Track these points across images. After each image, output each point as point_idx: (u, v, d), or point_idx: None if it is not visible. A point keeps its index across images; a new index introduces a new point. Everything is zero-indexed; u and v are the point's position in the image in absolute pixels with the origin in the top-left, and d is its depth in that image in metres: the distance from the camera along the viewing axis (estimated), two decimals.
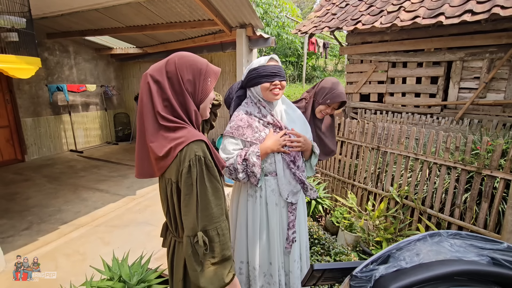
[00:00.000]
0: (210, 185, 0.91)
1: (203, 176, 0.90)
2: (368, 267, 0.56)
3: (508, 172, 1.90)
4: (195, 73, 1.00)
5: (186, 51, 1.07)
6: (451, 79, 4.17)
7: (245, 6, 3.48)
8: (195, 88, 1.01)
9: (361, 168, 2.97)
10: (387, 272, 0.53)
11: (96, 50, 6.42)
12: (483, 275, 0.49)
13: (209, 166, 0.92)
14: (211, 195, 0.91)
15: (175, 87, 0.98)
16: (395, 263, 0.55)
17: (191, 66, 1.00)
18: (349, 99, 5.20)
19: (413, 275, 0.50)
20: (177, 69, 0.98)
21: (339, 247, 2.36)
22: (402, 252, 0.57)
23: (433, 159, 2.35)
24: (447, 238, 0.58)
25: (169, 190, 0.96)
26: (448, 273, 0.49)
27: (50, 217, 3.15)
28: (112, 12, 4.12)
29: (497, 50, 3.74)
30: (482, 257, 0.52)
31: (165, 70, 0.98)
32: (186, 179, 0.89)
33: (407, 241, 0.61)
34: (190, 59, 1.01)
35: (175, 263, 1.08)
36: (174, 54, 1.03)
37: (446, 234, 0.59)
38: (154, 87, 0.96)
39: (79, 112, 6.32)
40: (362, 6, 4.72)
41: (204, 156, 0.91)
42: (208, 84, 1.04)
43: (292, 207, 1.49)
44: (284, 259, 1.57)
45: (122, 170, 4.89)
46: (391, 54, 4.57)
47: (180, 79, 0.98)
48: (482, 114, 3.97)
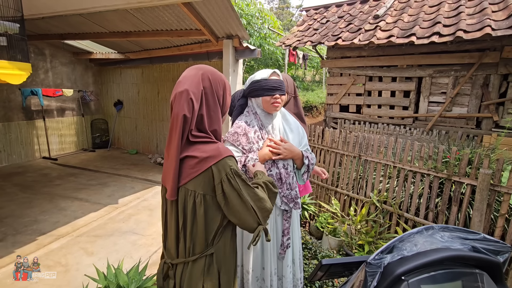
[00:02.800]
0: (251, 189, 0.98)
1: (244, 184, 0.96)
2: (379, 256, 0.67)
3: (473, 179, 2.13)
4: (223, 88, 1.06)
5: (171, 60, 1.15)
6: (422, 93, 4.54)
7: (232, 18, 3.59)
8: (222, 102, 1.07)
9: (344, 175, 3.14)
10: (393, 260, 0.64)
11: (75, 54, 6.23)
12: (466, 259, 0.62)
13: (243, 176, 0.98)
14: (257, 194, 0.98)
15: (209, 103, 1.01)
16: (398, 252, 0.66)
17: (221, 82, 1.05)
18: (329, 109, 5.46)
19: (413, 261, 0.62)
20: (212, 85, 1.01)
21: (325, 251, 2.47)
22: (404, 243, 0.69)
23: (409, 167, 2.56)
24: (438, 231, 0.70)
25: (191, 202, 0.95)
26: (440, 259, 0.60)
27: (26, 228, 2.98)
28: (96, 17, 4.06)
29: (461, 69, 4.15)
30: (465, 245, 0.64)
31: (202, 86, 0.99)
32: (230, 190, 0.94)
33: (408, 233, 0.72)
34: (218, 74, 1.06)
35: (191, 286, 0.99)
36: (202, 68, 1.04)
37: (437, 228, 0.71)
38: (196, 104, 0.97)
39: (54, 117, 6.05)
40: (341, 23, 5.03)
41: (237, 169, 0.97)
42: (228, 97, 1.10)
43: (287, 215, 1.56)
44: (277, 264, 1.64)
45: (102, 178, 4.73)
46: (368, 68, 4.89)
47: (215, 94, 1.02)
48: (448, 125, 4.35)
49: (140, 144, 6.58)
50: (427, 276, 0.61)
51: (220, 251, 1.00)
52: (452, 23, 3.84)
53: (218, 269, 1.00)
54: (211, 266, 0.98)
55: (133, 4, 3.15)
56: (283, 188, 1.52)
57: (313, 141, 3.53)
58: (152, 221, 3.27)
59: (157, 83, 6.01)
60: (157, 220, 3.31)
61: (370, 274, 0.63)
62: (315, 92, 12.05)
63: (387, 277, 0.62)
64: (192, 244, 0.97)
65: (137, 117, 6.52)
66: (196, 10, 3.44)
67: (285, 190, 1.52)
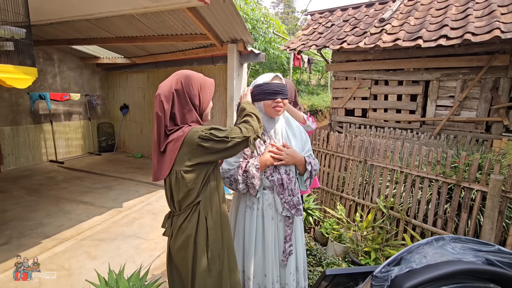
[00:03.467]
0: (221, 131, 1.19)
1: (216, 130, 1.17)
2: (386, 268, 0.63)
3: (484, 185, 2.07)
4: (198, 88, 1.23)
5: (176, 64, 1.32)
6: (429, 97, 4.47)
7: (237, 22, 3.60)
8: (199, 101, 1.25)
9: (349, 180, 3.09)
10: (401, 273, 0.61)
11: (82, 58, 6.32)
12: (480, 273, 0.58)
13: (212, 130, 1.18)
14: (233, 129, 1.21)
15: (181, 102, 1.20)
16: (407, 265, 0.62)
17: (195, 84, 1.22)
18: (334, 113, 5.41)
19: (423, 274, 0.58)
20: (184, 87, 1.20)
21: (330, 258, 2.41)
22: (412, 254, 0.65)
23: (417, 172, 2.50)
24: (449, 242, 0.66)
25: (174, 177, 1.19)
26: (452, 272, 0.57)
27: (31, 231, 3.00)
28: (103, 22, 4.11)
29: (469, 72, 4.08)
30: (478, 258, 0.60)
31: (173, 89, 1.19)
32: (211, 135, 1.15)
33: (416, 244, 0.68)
34: (193, 78, 1.23)
35: (187, 229, 1.21)
36: (178, 73, 1.24)
37: (448, 239, 0.67)
38: (166, 105, 1.18)
39: (61, 121, 6.12)
40: (346, 27, 5.00)
41: (204, 130, 1.17)
42: (207, 95, 1.27)
43: (289, 221, 1.52)
44: (280, 271, 1.59)
45: (107, 181, 4.75)
46: (373, 72, 4.85)
47: (187, 95, 1.21)
48: (457, 130, 4.27)
49: (145, 148, 6.62)
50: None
51: (206, 196, 1.24)
52: (459, 26, 3.78)
53: (205, 215, 1.23)
54: (194, 212, 1.22)
55: (138, 10, 3.18)
56: (284, 194, 1.48)
57: (317, 145, 3.49)
58: (156, 225, 3.25)
59: None
60: (160, 224, 3.26)
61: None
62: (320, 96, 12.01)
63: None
64: (179, 205, 1.23)
65: (143, 121, 6.57)
66: (201, 15, 3.46)
67: (287, 196, 1.48)
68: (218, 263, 1.25)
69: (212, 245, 1.23)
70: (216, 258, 1.25)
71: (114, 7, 3.12)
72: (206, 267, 1.22)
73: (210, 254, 1.23)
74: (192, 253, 1.21)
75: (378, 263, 2.44)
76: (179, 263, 1.24)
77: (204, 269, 1.21)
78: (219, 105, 5.03)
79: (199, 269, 1.21)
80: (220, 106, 5.02)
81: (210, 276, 1.23)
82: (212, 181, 1.27)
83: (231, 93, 4.25)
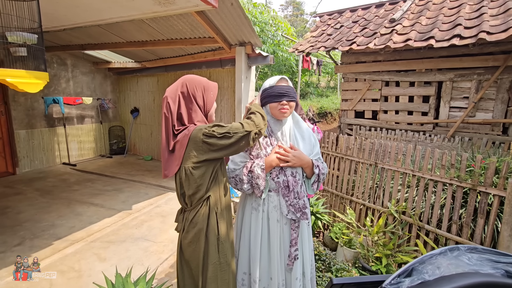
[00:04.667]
0: (223, 127, 1.23)
1: (217, 127, 1.21)
2: (396, 280, 0.60)
3: (501, 189, 1.98)
4: (202, 90, 1.31)
5: (185, 67, 1.36)
6: (442, 98, 4.35)
7: (245, 25, 3.61)
8: (204, 101, 1.32)
9: (359, 184, 3.02)
10: (412, 285, 0.57)
11: (94, 63, 6.47)
12: (499, 286, 0.53)
13: (214, 127, 1.23)
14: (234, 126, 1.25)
15: (187, 103, 1.29)
16: (419, 276, 0.58)
17: (199, 86, 1.31)
18: (344, 115, 5.34)
19: (436, 286, 0.54)
20: (189, 90, 1.28)
21: (340, 263, 2.36)
22: (425, 265, 0.61)
23: (430, 175, 2.42)
24: (465, 252, 0.62)
25: (183, 174, 1.24)
26: (468, 285, 0.52)
27: (43, 232, 3.06)
28: (114, 27, 4.20)
29: (484, 72, 3.95)
30: (497, 269, 0.56)
31: (179, 92, 1.28)
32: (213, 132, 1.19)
33: (429, 255, 0.64)
34: (197, 81, 1.32)
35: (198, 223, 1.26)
36: (184, 78, 1.33)
37: (464, 249, 0.63)
38: (173, 106, 1.26)
39: (74, 124, 6.27)
40: (356, 28, 4.94)
41: (208, 127, 1.22)
42: (211, 96, 1.35)
43: (295, 225, 1.49)
44: (286, 276, 1.56)
45: (117, 184, 4.82)
46: (384, 73, 4.76)
47: (192, 97, 1.29)
48: (472, 132, 4.13)
49: (155, 151, 6.69)
50: None
51: (215, 192, 1.30)
52: (474, 25, 3.67)
53: (215, 209, 1.29)
54: (205, 206, 1.27)
55: (148, 14, 3.24)
56: (290, 196, 1.46)
57: (326, 148, 3.44)
58: (164, 228, 3.27)
59: None
60: (169, 226, 3.30)
61: None
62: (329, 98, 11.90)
63: None
64: (190, 200, 1.28)
65: (153, 124, 6.65)
66: (209, 19, 3.48)
67: (292, 198, 1.45)
68: (228, 257, 1.32)
69: (222, 239, 1.30)
70: (226, 251, 1.31)
71: (123, 12, 3.18)
72: (217, 260, 1.28)
73: (220, 248, 1.30)
74: (203, 247, 1.26)
75: (390, 269, 2.37)
76: (190, 256, 1.28)
77: (215, 261, 1.28)
78: (227, 108, 5.04)
79: (211, 262, 1.27)
80: (228, 109, 5.03)
81: (221, 269, 1.30)
82: (220, 176, 1.33)
83: (239, 96, 4.25)
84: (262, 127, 1.31)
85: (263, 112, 1.36)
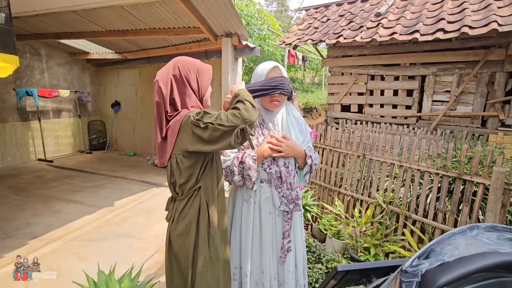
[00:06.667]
0: (210, 115, 1.12)
1: (205, 114, 1.11)
2: (416, 262, 0.56)
3: (486, 177, 2.03)
4: (196, 72, 1.21)
5: (169, 59, 1.28)
6: (425, 92, 4.45)
7: (231, 15, 3.50)
8: (198, 85, 1.23)
9: (347, 175, 3.03)
10: (432, 266, 0.54)
11: (71, 54, 6.13)
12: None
13: (200, 114, 1.13)
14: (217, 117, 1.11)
15: (180, 87, 1.19)
16: (437, 257, 0.55)
17: (192, 68, 1.21)
18: (330, 109, 5.36)
19: (457, 268, 0.51)
20: (181, 72, 1.18)
21: (329, 255, 2.35)
22: (443, 246, 0.58)
23: (417, 166, 2.46)
24: (484, 231, 0.60)
25: (174, 161, 1.17)
26: (489, 266, 0.49)
27: (17, 232, 2.86)
28: (92, 15, 3.96)
29: (465, 66, 4.06)
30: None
31: (171, 75, 1.18)
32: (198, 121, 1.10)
33: (447, 234, 0.61)
34: (190, 63, 1.22)
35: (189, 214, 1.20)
36: (175, 60, 1.22)
37: (483, 227, 0.61)
38: (165, 90, 1.17)
39: (50, 118, 5.93)
40: (342, 22, 4.95)
41: (195, 114, 1.13)
42: (205, 80, 1.25)
43: (288, 216, 1.45)
44: (278, 268, 1.53)
45: (98, 180, 4.61)
46: (370, 67, 4.80)
47: (185, 80, 1.19)
48: (453, 125, 4.26)
49: (138, 146, 6.47)
50: (473, 287, 0.50)
51: (207, 183, 1.23)
52: (456, 20, 3.76)
53: (206, 201, 1.22)
54: (196, 197, 1.20)
55: (128, 0, 3.07)
56: (282, 187, 1.41)
57: (314, 140, 3.42)
58: (149, 223, 3.15)
59: None
60: (154, 222, 3.19)
61: (406, 285, 0.53)
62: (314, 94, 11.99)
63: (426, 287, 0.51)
64: (181, 189, 1.21)
65: (135, 118, 6.42)
66: (193, 7, 3.34)
67: (285, 190, 1.41)
68: (218, 252, 1.25)
69: (213, 232, 1.23)
70: (217, 245, 1.24)
71: None
72: (207, 255, 1.21)
73: (211, 242, 1.23)
74: (194, 240, 1.19)
75: (378, 258, 2.39)
76: (179, 250, 1.21)
77: (205, 256, 1.21)
78: (214, 101, 4.92)
79: (200, 256, 1.20)
80: (214, 103, 4.92)
81: (212, 264, 1.23)
82: (212, 167, 1.25)
83: (226, 89, 4.15)
84: (252, 121, 1.11)
85: (252, 101, 1.17)
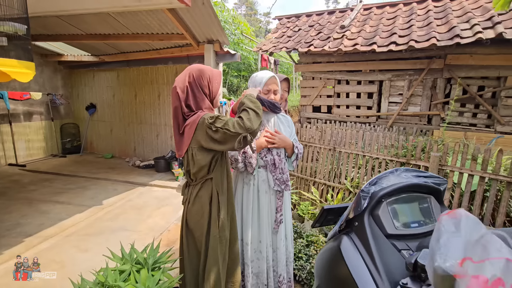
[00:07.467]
0: (222, 121, 1.31)
1: (216, 120, 1.31)
2: (367, 187, 0.97)
3: (427, 161, 2.60)
4: (208, 80, 1.44)
5: (150, 63, 1.71)
6: (383, 94, 5.13)
7: (214, 24, 3.82)
8: (210, 90, 1.46)
9: (321, 166, 3.51)
10: (376, 190, 0.95)
11: (43, 55, 5.98)
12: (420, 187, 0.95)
13: (214, 119, 1.34)
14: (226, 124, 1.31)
15: (194, 93, 1.42)
16: (379, 185, 0.97)
17: (204, 76, 1.43)
18: (303, 110, 5.89)
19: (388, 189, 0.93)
20: (195, 80, 1.41)
21: (308, 231, 2.78)
22: (382, 179, 1.00)
23: (376, 155, 2.99)
24: (403, 172, 1.03)
25: (190, 153, 1.40)
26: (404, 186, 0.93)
27: (9, 232, 2.91)
28: (74, 19, 4.03)
29: (413, 73, 4.80)
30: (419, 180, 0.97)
31: (187, 82, 1.41)
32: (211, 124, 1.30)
33: (384, 174, 1.04)
34: (202, 71, 1.44)
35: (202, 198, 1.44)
36: (190, 68, 1.45)
37: (402, 169, 1.04)
38: (182, 95, 1.39)
39: (20, 122, 5.75)
40: (312, 32, 5.50)
41: (211, 117, 1.34)
42: (216, 85, 1.48)
43: (280, 195, 1.84)
44: (272, 238, 1.90)
45: (79, 182, 4.63)
46: (336, 73, 5.40)
47: (199, 86, 1.42)
48: (405, 123, 4.98)
49: (116, 148, 6.47)
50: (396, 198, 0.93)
51: (217, 176, 1.45)
52: (405, 34, 4.45)
53: (217, 190, 1.45)
54: (208, 185, 1.43)
55: (117, 8, 3.23)
56: (276, 172, 1.79)
57: None
58: (142, 218, 3.34)
59: (134, 86, 6.00)
60: (146, 217, 3.39)
61: (363, 197, 0.93)
62: None
63: (372, 199, 0.92)
64: (195, 177, 1.44)
65: (113, 121, 6.41)
66: (179, 16, 3.60)
67: (278, 173, 1.80)
68: (226, 232, 1.50)
69: (222, 217, 1.47)
70: (224, 228, 1.49)
71: (91, 4, 3.11)
72: (217, 234, 1.45)
73: (220, 224, 1.46)
74: (207, 220, 1.44)
75: None
76: (194, 226, 1.46)
77: (215, 235, 1.45)
78: None
79: (212, 234, 1.45)
80: None
81: (220, 242, 1.47)
82: (222, 162, 1.48)
83: None
84: (254, 129, 1.27)
85: (257, 108, 1.37)
